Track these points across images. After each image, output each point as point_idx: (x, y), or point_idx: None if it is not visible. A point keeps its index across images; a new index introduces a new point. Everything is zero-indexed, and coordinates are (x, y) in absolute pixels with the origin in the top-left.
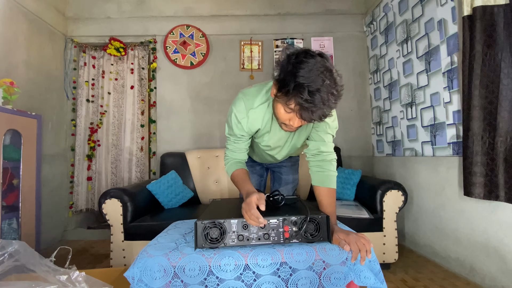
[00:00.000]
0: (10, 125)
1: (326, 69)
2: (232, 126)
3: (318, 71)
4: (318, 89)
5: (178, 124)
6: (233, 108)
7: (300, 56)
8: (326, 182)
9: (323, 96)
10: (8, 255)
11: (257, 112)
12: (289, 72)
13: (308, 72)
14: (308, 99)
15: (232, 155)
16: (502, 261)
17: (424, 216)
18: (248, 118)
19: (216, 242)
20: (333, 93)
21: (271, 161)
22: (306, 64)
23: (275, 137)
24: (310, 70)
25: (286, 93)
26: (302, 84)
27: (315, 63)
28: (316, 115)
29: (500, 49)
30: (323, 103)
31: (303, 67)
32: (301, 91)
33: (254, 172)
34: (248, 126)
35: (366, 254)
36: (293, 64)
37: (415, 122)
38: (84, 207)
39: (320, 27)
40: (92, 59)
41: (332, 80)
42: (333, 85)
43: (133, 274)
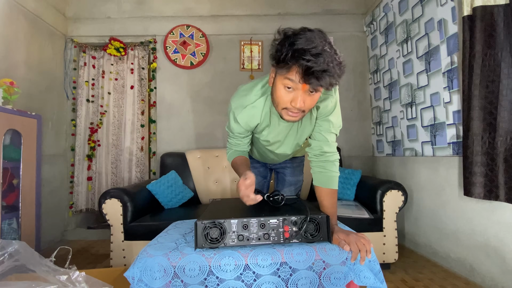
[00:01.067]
0: (10, 125)
1: (325, 40)
2: (231, 122)
3: (318, 40)
4: (320, 53)
5: (178, 124)
6: (231, 104)
7: (297, 30)
8: (328, 183)
9: (326, 58)
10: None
11: (255, 106)
12: (286, 43)
13: (307, 40)
14: (311, 59)
15: (233, 147)
16: (502, 261)
17: (424, 216)
18: (246, 114)
19: (216, 242)
20: (336, 59)
21: (274, 159)
22: (304, 35)
23: (275, 131)
24: (308, 38)
25: (286, 60)
26: (302, 48)
27: (313, 34)
28: (322, 79)
29: (500, 49)
30: (328, 65)
31: (301, 37)
32: (303, 54)
33: (257, 173)
34: (246, 123)
35: (366, 254)
36: (291, 36)
37: (415, 122)
38: (84, 207)
39: (320, 27)
40: (92, 59)
41: (333, 50)
42: (334, 54)
43: (133, 274)
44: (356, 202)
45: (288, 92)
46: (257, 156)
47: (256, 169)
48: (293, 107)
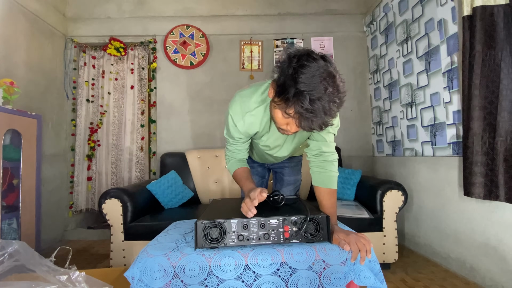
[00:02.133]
0: (10, 125)
1: (329, 75)
2: (229, 128)
3: (321, 77)
4: (320, 97)
5: (178, 124)
6: (229, 110)
7: (302, 59)
8: (327, 183)
9: (324, 105)
10: (8, 255)
11: (254, 114)
12: (289, 77)
13: (310, 78)
14: (308, 108)
15: (232, 155)
16: (502, 261)
17: (424, 216)
18: (245, 121)
19: (216, 242)
20: (335, 101)
21: (272, 161)
22: (308, 68)
23: (274, 136)
24: (312, 76)
25: (286, 100)
26: (303, 91)
27: (318, 68)
28: (316, 124)
29: (500, 49)
30: (324, 113)
31: (304, 72)
32: (301, 99)
33: (256, 173)
34: (244, 129)
35: (366, 254)
36: (294, 68)
37: (415, 122)
38: (84, 207)
39: (320, 27)
40: (92, 59)
41: (335, 87)
42: (335, 93)
43: (133, 274)
44: (356, 202)
45: (284, 118)
46: (255, 157)
47: (254, 169)
48: (288, 130)
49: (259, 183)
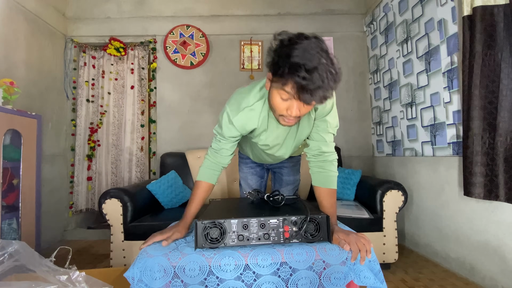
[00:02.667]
0: (10, 125)
1: (321, 49)
2: (222, 125)
3: (314, 51)
4: (316, 67)
5: (178, 124)
6: (227, 106)
7: (294, 39)
8: (327, 183)
9: (321, 74)
10: (8, 255)
11: (253, 109)
12: (283, 54)
13: (303, 52)
14: (306, 76)
15: (213, 157)
16: (502, 261)
17: (424, 216)
18: (242, 116)
19: (216, 242)
20: (331, 72)
21: (271, 161)
22: (300, 45)
23: (273, 134)
24: (305, 50)
25: (281, 74)
26: (298, 63)
27: (310, 43)
28: (316, 95)
29: (500, 49)
30: (322, 81)
31: (297, 48)
32: (297, 70)
33: (254, 173)
34: (242, 125)
35: (366, 254)
36: (287, 46)
37: (415, 122)
38: (84, 207)
39: (320, 27)
40: (92, 59)
41: (329, 60)
42: (330, 65)
43: (133, 274)
44: (356, 202)
45: (283, 101)
46: (254, 158)
47: (252, 169)
48: (289, 115)
49: (258, 183)
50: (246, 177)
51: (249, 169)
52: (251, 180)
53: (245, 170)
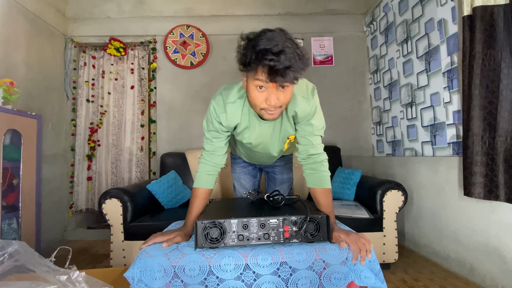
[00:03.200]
0: (10, 125)
1: (286, 38)
2: (211, 120)
3: (278, 38)
4: (282, 50)
5: (178, 124)
6: (212, 102)
7: (258, 32)
8: (320, 183)
9: (288, 55)
10: (8, 255)
11: (234, 105)
12: (249, 46)
13: (268, 40)
14: (273, 58)
15: (209, 159)
16: (502, 261)
17: (424, 216)
18: (226, 112)
19: (216, 242)
20: (298, 53)
21: (265, 161)
22: (265, 35)
23: (255, 132)
24: (269, 38)
25: (250, 63)
26: (264, 48)
27: (274, 33)
28: (287, 75)
29: (500, 49)
30: (290, 61)
31: (262, 38)
32: (265, 54)
33: (247, 172)
34: (226, 121)
35: (366, 254)
36: (252, 39)
37: (415, 122)
38: (84, 207)
39: (320, 27)
40: (92, 59)
41: (295, 45)
42: (296, 48)
43: (133, 275)
44: (356, 202)
45: (261, 92)
46: (245, 158)
47: (245, 168)
48: (269, 106)
49: (252, 183)
50: (239, 177)
51: (242, 169)
52: (244, 180)
53: (238, 170)
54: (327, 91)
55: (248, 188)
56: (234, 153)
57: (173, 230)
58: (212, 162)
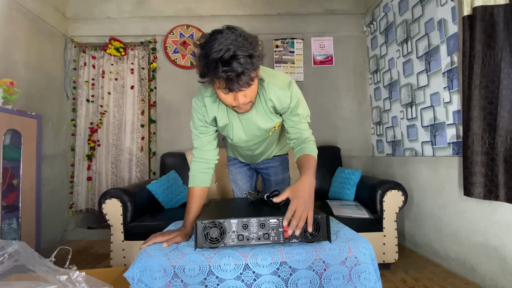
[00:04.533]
0: (10, 125)
1: (236, 38)
2: (195, 116)
3: (228, 41)
4: (232, 56)
5: (178, 124)
6: (194, 99)
7: (208, 37)
8: (305, 150)
9: (239, 61)
10: (8, 255)
11: (211, 99)
12: (202, 57)
13: (218, 46)
14: (225, 69)
15: (199, 156)
16: (502, 261)
17: (424, 216)
18: (206, 106)
19: (216, 242)
20: (250, 54)
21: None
22: (214, 41)
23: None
24: (219, 44)
25: (206, 75)
26: (214, 59)
27: (222, 36)
28: (242, 81)
29: (500, 49)
30: (241, 65)
31: (212, 45)
32: (216, 66)
33: (243, 173)
34: (207, 114)
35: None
36: (203, 47)
37: (415, 122)
38: (84, 207)
39: (320, 27)
40: (92, 59)
41: (246, 43)
42: (247, 48)
43: (133, 274)
44: (356, 202)
45: (226, 95)
46: (240, 158)
47: (240, 169)
48: (239, 104)
49: (248, 184)
50: (236, 178)
51: (237, 169)
52: (240, 181)
53: (234, 171)
54: (327, 91)
55: (245, 189)
56: (229, 154)
57: (173, 230)
58: (203, 159)
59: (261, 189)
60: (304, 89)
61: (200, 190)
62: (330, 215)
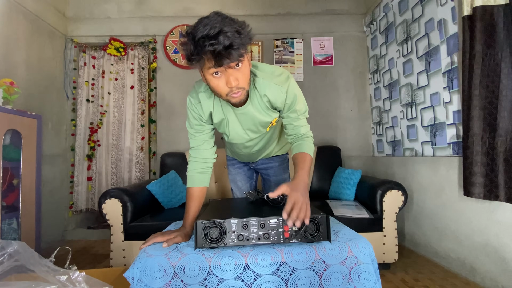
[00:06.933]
0: (10, 125)
1: (223, 18)
2: (190, 114)
3: (214, 21)
4: (218, 31)
5: (178, 124)
6: (188, 97)
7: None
8: (301, 148)
9: (226, 34)
10: (8, 256)
11: (206, 94)
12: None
13: (203, 26)
14: (212, 42)
15: (196, 155)
16: (502, 261)
17: (424, 216)
18: (200, 102)
19: (216, 242)
20: (237, 30)
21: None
22: (200, 23)
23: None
24: (205, 24)
25: (194, 54)
26: (201, 36)
27: (209, 18)
28: (231, 54)
29: (500, 49)
30: (229, 39)
31: (197, 27)
32: (203, 42)
33: (242, 173)
34: (202, 111)
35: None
36: (189, 32)
37: (415, 122)
38: (84, 207)
39: (320, 27)
40: (92, 59)
41: (233, 22)
42: (233, 24)
43: (133, 274)
44: (356, 202)
45: (218, 78)
46: (239, 158)
47: (240, 169)
48: (231, 88)
49: (248, 184)
50: (235, 178)
51: (237, 170)
52: (240, 181)
53: (233, 171)
54: (327, 91)
55: (244, 189)
56: (229, 155)
57: (173, 230)
58: (200, 158)
59: (261, 189)
60: (304, 89)
61: (199, 191)
62: (330, 215)
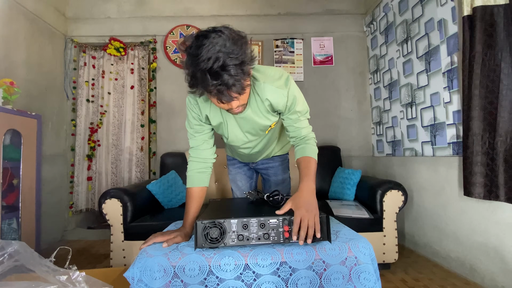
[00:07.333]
0: (10, 125)
1: (223, 43)
2: (189, 114)
3: (215, 49)
4: (220, 66)
5: (178, 124)
6: (187, 97)
7: (194, 43)
8: (304, 152)
9: (229, 72)
10: (8, 256)
11: (204, 97)
12: (190, 65)
13: (206, 54)
14: (215, 83)
15: (196, 155)
16: (502, 261)
17: (424, 216)
18: (198, 104)
19: (216, 242)
20: (239, 63)
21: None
22: (201, 48)
23: (233, 127)
24: (207, 51)
25: (196, 86)
26: (202, 70)
27: (209, 42)
28: (233, 92)
29: (500, 49)
30: (232, 77)
31: (200, 52)
32: (205, 79)
33: (242, 173)
34: (200, 111)
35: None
36: (191, 55)
37: (415, 122)
38: (84, 207)
39: (320, 27)
40: (92, 59)
41: (235, 48)
42: (236, 54)
43: (133, 274)
44: (356, 202)
45: (220, 103)
46: (239, 157)
47: (240, 169)
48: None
49: (248, 184)
50: (235, 178)
51: (237, 169)
52: (240, 181)
53: (233, 171)
54: (327, 91)
55: (244, 189)
56: (229, 154)
57: (173, 230)
58: (200, 158)
59: (261, 189)
60: (304, 89)
61: (199, 191)
62: (330, 215)
